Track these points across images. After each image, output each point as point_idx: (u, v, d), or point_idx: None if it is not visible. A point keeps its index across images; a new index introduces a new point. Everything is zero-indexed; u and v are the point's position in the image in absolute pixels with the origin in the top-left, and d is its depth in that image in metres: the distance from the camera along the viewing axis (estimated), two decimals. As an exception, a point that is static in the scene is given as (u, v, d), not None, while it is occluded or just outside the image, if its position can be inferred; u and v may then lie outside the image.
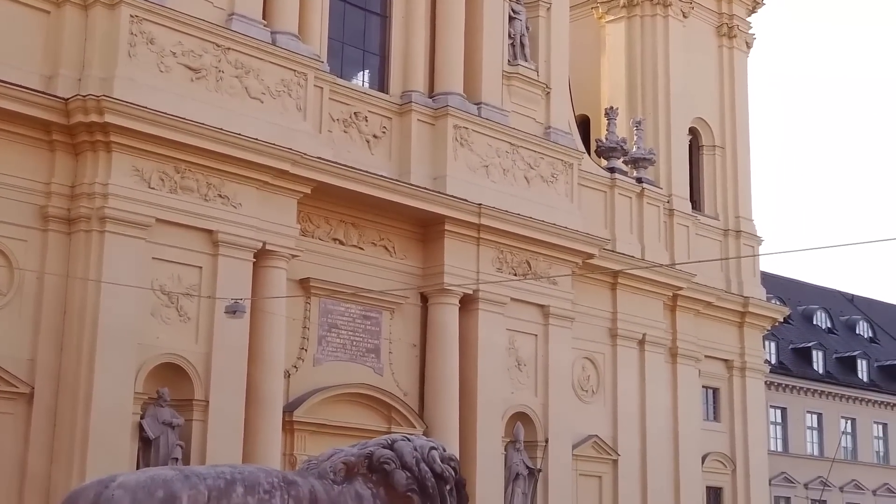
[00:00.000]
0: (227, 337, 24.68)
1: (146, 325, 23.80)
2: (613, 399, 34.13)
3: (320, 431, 26.75)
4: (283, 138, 26.04)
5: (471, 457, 28.64)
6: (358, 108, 29.09)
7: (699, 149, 39.97)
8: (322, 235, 28.28)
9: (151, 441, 23.46)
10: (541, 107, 33.25)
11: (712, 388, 38.28)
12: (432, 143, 30.14)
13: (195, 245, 24.81)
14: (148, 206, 24.01)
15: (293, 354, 27.17)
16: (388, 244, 29.53)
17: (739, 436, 38.15)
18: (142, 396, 23.59)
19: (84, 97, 23.44)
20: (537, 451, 30.87)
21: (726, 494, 37.66)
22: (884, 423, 52.08)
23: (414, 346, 29.76)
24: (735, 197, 39.87)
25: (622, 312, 34.57)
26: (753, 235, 40.01)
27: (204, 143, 24.74)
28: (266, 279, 25.94)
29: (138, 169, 24.06)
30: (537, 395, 31.30)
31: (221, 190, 25.28)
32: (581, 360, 33.52)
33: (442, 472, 11.97)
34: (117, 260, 23.40)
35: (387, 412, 28.46)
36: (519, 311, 31.03)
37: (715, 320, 38.05)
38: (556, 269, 31.88)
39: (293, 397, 26.93)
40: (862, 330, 57.40)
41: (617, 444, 33.77)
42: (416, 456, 11.85)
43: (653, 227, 36.33)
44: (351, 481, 11.50)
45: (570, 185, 33.08)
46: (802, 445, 48.37)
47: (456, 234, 29.91)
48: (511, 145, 31.67)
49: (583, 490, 32.58)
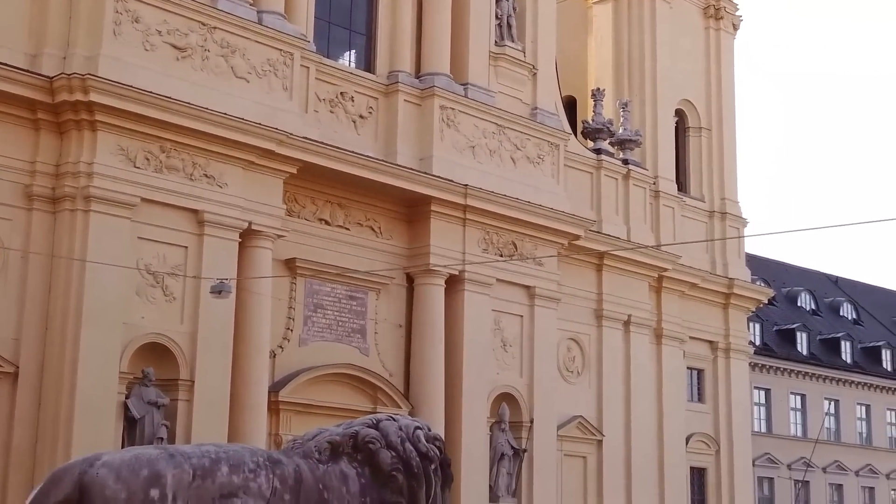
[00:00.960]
0: (212, 317, 24.66)
1: (131, 304, 23.76)
2: (598, 380, 34.25)
3: (306, 411, 26.78)
4: (269, 118, 25.97)
5: (456, 437, 28.73)
6: (344, 88, 29.03)
7: (685, 130, 40.02)
8: (308, 216, 28.25)
9: (136, 420, 23.45)
10: (527, 88, 33.23)
11: (697, 370, 38.44)
12: (419, 124, 30.11)
13: (180, 225, 24.76)
14: (133, 186, 23.94)
15: (279, 335, 27.17)
16: (374, 224, 29.53)
17: (723, 417, 38.34)
18: (127, 376, 23.56)
19: (69, 76, 23.32)
20: (522, 431, 30.98)
21: (710, 475, 37.87)
22: (867, 405, 52.40)
23: (399, 326, 29.80)
24: (721, 179, 39.95)
25: (607, 293, 34.65)
26: (739, 217, 40.11)
27: (189, 122, 24.66)
28: (252, 259, 25.91)
29: (123, 148, 23.97)
30: (522, 376, 31.39)
31: (207, 169, 25.22)
32: (566, 340, 33.62)
33: (427, 451, 12.02)
34: (102, 239, 23.33)
35: (372, 392, 28.51)
36: (504, 292, 31.09)
37: (700, 301, 38.18)
38: (542, 249, 31.92)
39: (279, 377, 26.95)
40: (846, 312, 57.67)
41: (602, 425, 33.91)
42: (401, 435, 11.90)
43: (638, 209, 36.40)
44: (336, 461, 11.54)
45: (556, 167, 33.11)
46: (786, 426, 48.64)
47: (442, 215, 29.91)
48: (497, 126, 31.66)
49: (567, 470, 32.73)
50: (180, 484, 10.03)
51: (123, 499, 9.66)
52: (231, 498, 10.38)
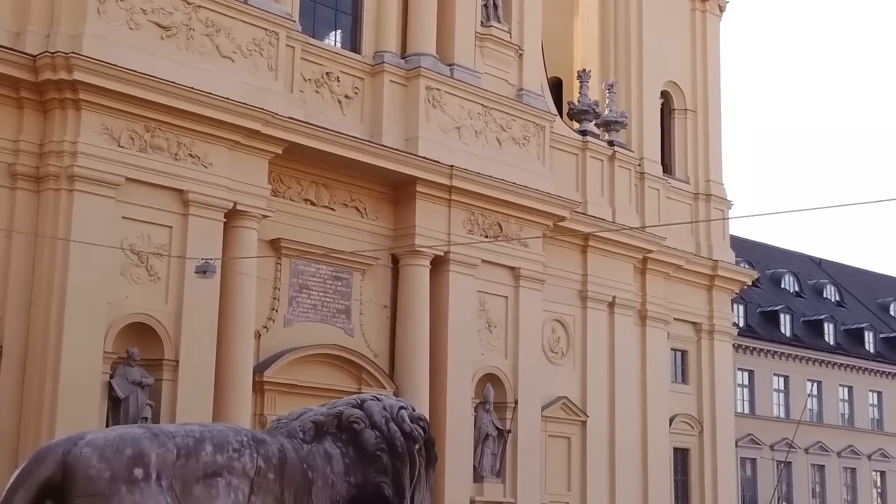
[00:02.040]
0: (197, 297, 24.63)
1: (116, 284, 23.71)
2: (583, 361, 34.35)
3: (290, 392, 26.80)
4: (254, 98, 25.89)
5: (440, 418, 28.80)
6: (330, 68, 28.95)
7: (671, 112, 40.04)
8: (293, 196, 28.20)
9: (121, 400, 23.44)
10: (513, 69, 33.20)
11: (681, 351, 38.58)
12: (404, 105, 30.06)
13: (165, 204, 24.70)
14: (117, 165, 23.86)
15: (264, 315, 27.16)
16: (360, 205, 29.51)
17: (707, 398, 38.50)
18: (111, 356, 23.53)
19: (52, 54, 23.19)
20: (507, 412, 31.08)
21: (693, 456, 38.06)
22: (849, 386, 52.70)
23: (385, 307, 29.82)
24: (706, 160, 40.01)
25: (592, 275, 34.72)
26: (723, 199, 40.20)
27: (174, 101, 24.57)
28: (237, 239, 25.87)
29: (108, 127, 23.88)
30: (507, 357, 31.47)
31: (192, 149, 25.14)
32: (551, 322, 33.69)
33: (411, 431, 12.05)
34: (86, 219, 23.26)
35: (357, 373, 28.55)
36: (490, 273, 31.13)
37: (684, 283, 38.29)
38: (527, 231, 31.95)
39: (263, 357, 26.96)
40: (829, 294, 57.93)
41: (586, 406, 34.03)
42: (386, 415, 11.92)
43: (624, 190, 36.44)
44: (320, 440, 11.56)
45: (541, 148, 33.11)
46: (769, 407, 48.90)
47: (427, 196, 29.90)
48: (483, 107, 31.64)
49: (551, 451, 32.85)
50: (164, 463, 10.03)
51: (107, 478, 9.64)
52: (215, 477, 10.39)
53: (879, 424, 53.79)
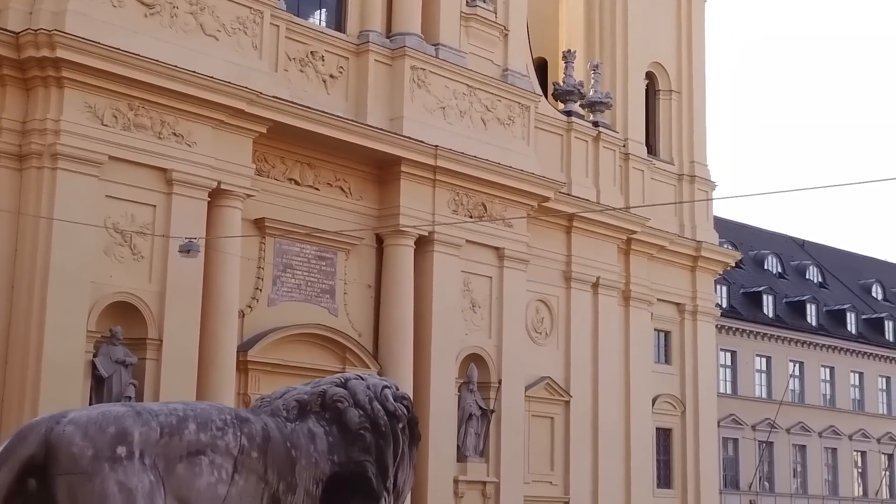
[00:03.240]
0: (180, 276, 24.60)
1: (99, 263, 23.65)
2: (566, 341, 34.45)
3: (274, 371, 26.82)
4: (238, 77, 25.80)
5: (424, 397, 28.86)
6: (315, 47, 28.85)
7: (655, 93, 40.06)
8: (277, 175, 28.15)
9: (104, 379, 23.42)
10: (498, 49, 33.14)
11: (664, 332, 38.72)
12: (389, 84, 30.00)
13: (149, 183, 24.62)
14: (100, 144, 23.76)
15: (247, 294, 27.15)
16: (344, 185, 29.47)
17: (690, 378, 38.68)
18: (94, 335, 23.50)
19: (35, 31, 23.05)
20: (490, 391, 31.17)
21: (675, 435, 38.26)
22: (831, 367, 52.97)
23: (369, 286, 29.83)
24: (690, 142, 40.07)
25: (576, 255, 34.79)
26: (707, 180, 40.28)
27: (157, 80, 24.46)
28: (221, 219, 25.82)
29: (91, 105, 23.77)
30: (491, 337, 31.53)
31: (176, 128, 25.06)
32: (535, 302, 33.76)
33: (394, 410, 12.07)
34: (69, 197, 23.18)
35: (341, 353, 28.57)
36: (474, 253, 31.16)
37: (668, 264, 38.40)
38: (512, 211, 31.98)
39: (247, 337, 26.96)
40: (812, 275, 58.14)
41: (569, 386, 34.15)
42: (369, 394, 11.93)
43: (608, 171, 36.48)
44: (304, 419, 11.57)
45: (526, 128, 33.10)
46: (751, 388, 49.13)
47: (412, 176, 29.88)
48: (468, 87, 31.60)
49: (535, 430, 32.97)
50: (147, 441, 10.03)
51: (90, 456, 9.64)
52: (198, 455, 10.39)
53: (860, 405, 54.13)
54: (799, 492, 50.56)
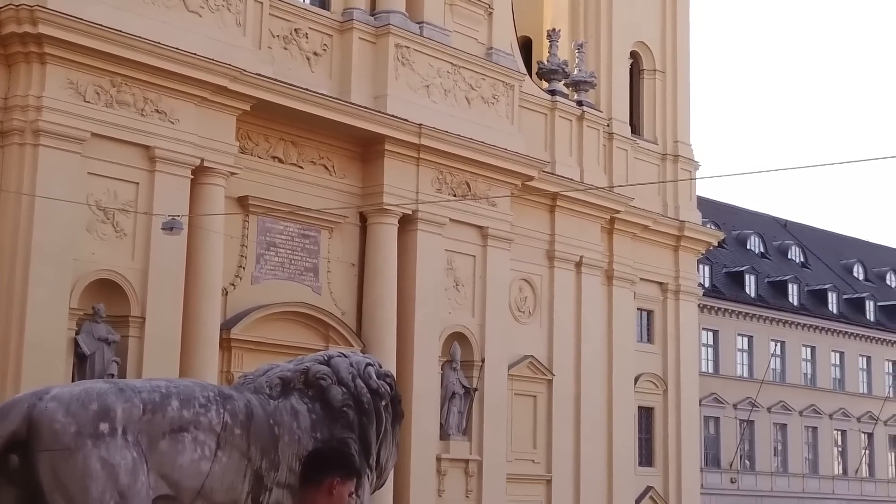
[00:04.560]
0: (163, 254, 24.54)
1: (81, 240, 23.57)
2: (549, 320, 34.53)
3: (257, 349, 26.80)
4: (221, 54, 25.68)
5: (407, 376, 28.91)
6: (298, 24, 28.72)
7: (640, 73, 40.04)
8: (261, 153, 28.07)
9: (87, 357, 23.38)
10: (483, 27, 33.06)
11: (646, 311, 38.83)
12: (373, 62, 29.91)
13: (132, 160, 24.53)
14: (83, 120, 23.65)
15: (231, 272, 27.11)
16: (328, 163, 29.41)
17: (672, 357, 38.83)
18: (77, 312, 23.45)
19: (17, 7, 22.89)
20: (473, 370, 31.25)
21: (657, 414, 38.44)
22: (812, 347, 53.26)
23: (352, 265, 29.83)
24: (674, 121, 40.10)
25: (560, 235, 34.83)
26: (691, 160, 40.34)
27: (140, 56, 24.34)
28: (204, 196, 25.75)
29: (73, 82, 23.64)
30: (474, 316, 31.59)
31: (158, 105, 24.95)
32: (518, 281, 33.80)
33: (377, 387, 12.10)
34: (52, 174, 23.09)
35: (324, 331, 28.58)
36: (458, 232, 31.17)
37: (651, 243, 38.48)
38: (496, 190, 31.98)
39: (230, 315, 26.93)
40: (794, 255, 58.37)
41: (552, 365, 34.25)
42: (352, 372, 11.96)
43: (592, 151, 36.50)
44: (287, 396, 11.59)
45: (510, 107, 33.07)
46: (733, 367, 49.38)
47: (396, 154, 29.84)
48: (452, 66, 31.53)
49: (518, 409, 33.07)
50: (130, 418, 10.03)
51: (73, 432, 9.64)
52: (181, 432, 10.40)
53: (841, 384, 54.49)
54: (779, 470, 50.94)
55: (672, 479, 38.23)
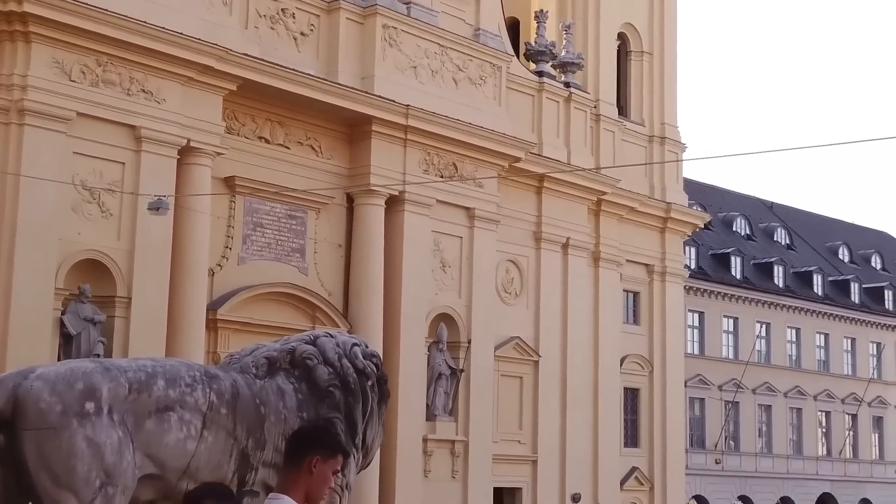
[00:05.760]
0: (149, 234, 24.50)
1: (67, 220, 23.51)
2: (536, 302, 34.58)
3: (244, 330, 26.80)
4: (208, 33, 25.57)
5: (394, 357, 28.94)
6: (285, 4, 28.61)
7: (627, 54, 40.01)
8: (248, 133, 27.99)
9: (73, 337, 23.34)
10: (470, 8, 32.99)
11: (633, 292, 38.91)
12: (360, 43, 29.83)
13: (117, 140, 24.45)
14: (68, 100, 23.55)
15: (217, 253, 27.07)
16: (315, 144, 29.35)
17: (658, 339, 38.95)
18: (63, 292, 23.40)
19: (1, -15, 22.73)
20: (460, 351, 31.30)
21: (643, 395, 38.57)
22: (797, 328, 53.45)
23: (339, 246, 29.81)
24: (661, 103, 40.09)
25: (547, 216, 34.85)
26: (677, 142, 40.36)
27: (126, 35, 24.23)
28: (190, 176, 25.69)
29: (58, 61, 23.53)
30: (461, 297, 31.62)
31: (145, 85, 24.85)
32: (505, 262, 33.84)
33: (364, 367, 12.15)
34: (37, 154, 23.00)
35: (311, 311, 28.59)
36: (444, 213, 31.18)
37: (637, 225, 38.53)
38: (483, 171, 31.98)
39: (217, 295, 26.92)
40: (780, 237, 58.52)
41: (538, 346, 34.32)
42: (339, 352, 12.01)
43: (579, 132, 36.50)
44: (273, 376, 11.63)
45: (498, 88, 33.04)
46: (718, 348, 49.55)
47: (383, 135, 29.80)
48: (440, 46, 31.47)
49: (504, 390, 33.15)
50: (116, 397, 10.06)
51: (58, 412, 9.67)
52: (167, 412, 10.44)
53: (825, 366, 54.74)
54: (764, 451, 51.22)
55: (657, 460, 38.41)
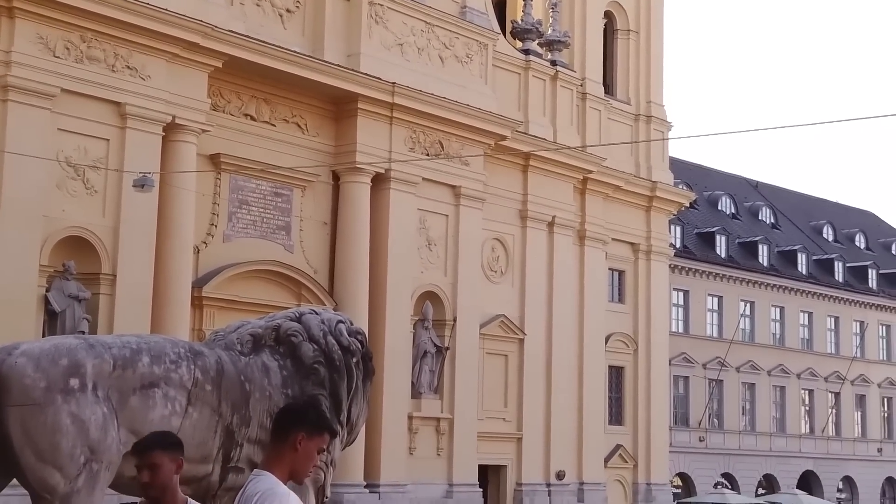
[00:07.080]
0: (135, 211, 24.44)
1: (51, 197, 23.44)
2: (521, 280, 34.65)
3: (229, 307, 26.79)
4: (193, 9, 25.45)
5: (379, 334, 28.99)
6: (271, -20, 28.46)
7: (614, 33, 39.96)
8: (233, 111, 27.91)
9: (57, 314, 23.31)
10: (457, -15, 32.87)
11: (618, 271, 39.01)
12: (347, 20, 29.73)
13: (102, 117, 24.35)
14: (52, 76, 23.44)
15: (202, 230, 27.03)
16: (301, 121, 29.28)
17: (643, 317, 39.07)
18: (47, 269, 23.35)
19: (-16, -40, 22.58)
20: (445, 329, 31.36)
21: (627, 373, 38.72)
22: (781, 307, 53.67)
23: (325, 223, 29.79)
24: (647, 82, 40.10)
25: (532, 194, 34.88)
26: (663, 121, 40.39)
27: (111, 11, 24.11)
28: (175, 153, 25.62)
29: (42, 37, 23.40)
30: (447, 275, 31.66)
31: (129, 61, 24.74)
32: (491, 240, 33.87)
33: (349, 344, 12.18)
34: (21, 130, 22.90)
35: (296, 289, 28.59)
36: (430, 191, 31.17)
37: (623, 204, 38.59)
38: (469, 149, 31.97)
39: (202, 273, 26.89)
40: (764, 216, 58.68)
41: (524, 324, 34.40)
42: (324, 329, 12.03)
43: (565, 111, 36.49)
44: (258, 353, 11.65)
45: (484, 66, 32.99)
46: (703, 327, 49.73)
47: (369, 113, 29.75)
48: (426, 24, 31.39)
49: (489, 368, 33.24)
50: (100, 374, 10.07)
51: (42, 388, 9.67)
52: (152, 388, 10.45)
53: (809, 344, 55.02)
54: (747, 429, 51.51)
55: (641, 438, 38.60)
